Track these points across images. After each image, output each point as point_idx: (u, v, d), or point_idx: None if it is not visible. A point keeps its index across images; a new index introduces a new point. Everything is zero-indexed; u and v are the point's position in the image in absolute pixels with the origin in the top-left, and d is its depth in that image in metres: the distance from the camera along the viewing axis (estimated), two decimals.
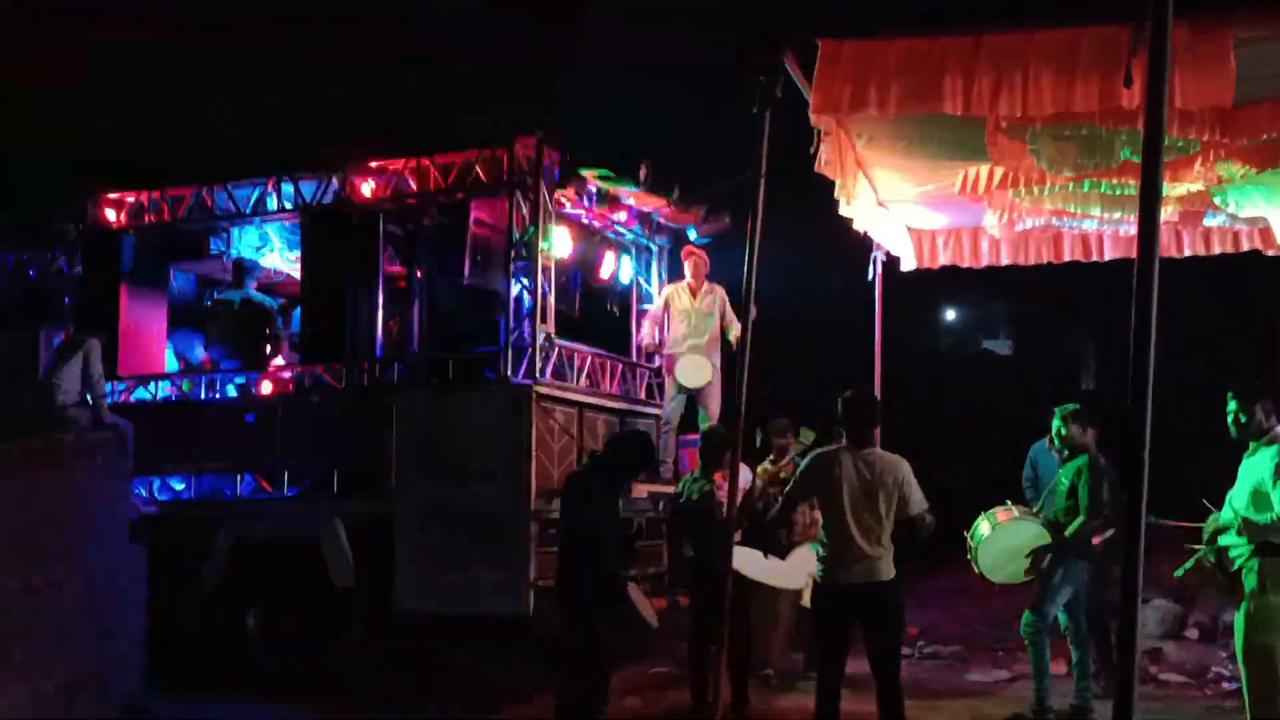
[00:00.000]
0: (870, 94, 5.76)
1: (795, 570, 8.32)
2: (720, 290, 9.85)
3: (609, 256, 10.18)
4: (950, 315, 27.38)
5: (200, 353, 10.69)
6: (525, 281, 8.74)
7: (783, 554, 8.46)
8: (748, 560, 7.66)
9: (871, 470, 5.95)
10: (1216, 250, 9.01)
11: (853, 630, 6.05)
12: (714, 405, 9.72)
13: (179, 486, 9.84)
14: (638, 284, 10.66)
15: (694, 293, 9.84)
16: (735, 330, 9.64)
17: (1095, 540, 7.96)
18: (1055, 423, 7.81)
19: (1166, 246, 9.08)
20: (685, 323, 9.79)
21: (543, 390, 8.61)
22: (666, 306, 9.95)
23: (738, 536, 6.85)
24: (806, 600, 8.44)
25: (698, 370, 9.62)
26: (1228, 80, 5.22)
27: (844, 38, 5.72)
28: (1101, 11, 5.27)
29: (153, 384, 10.12)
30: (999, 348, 28.33)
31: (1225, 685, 8.40)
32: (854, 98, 5.79)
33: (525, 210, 8.76)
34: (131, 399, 9.97)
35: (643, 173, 9.29)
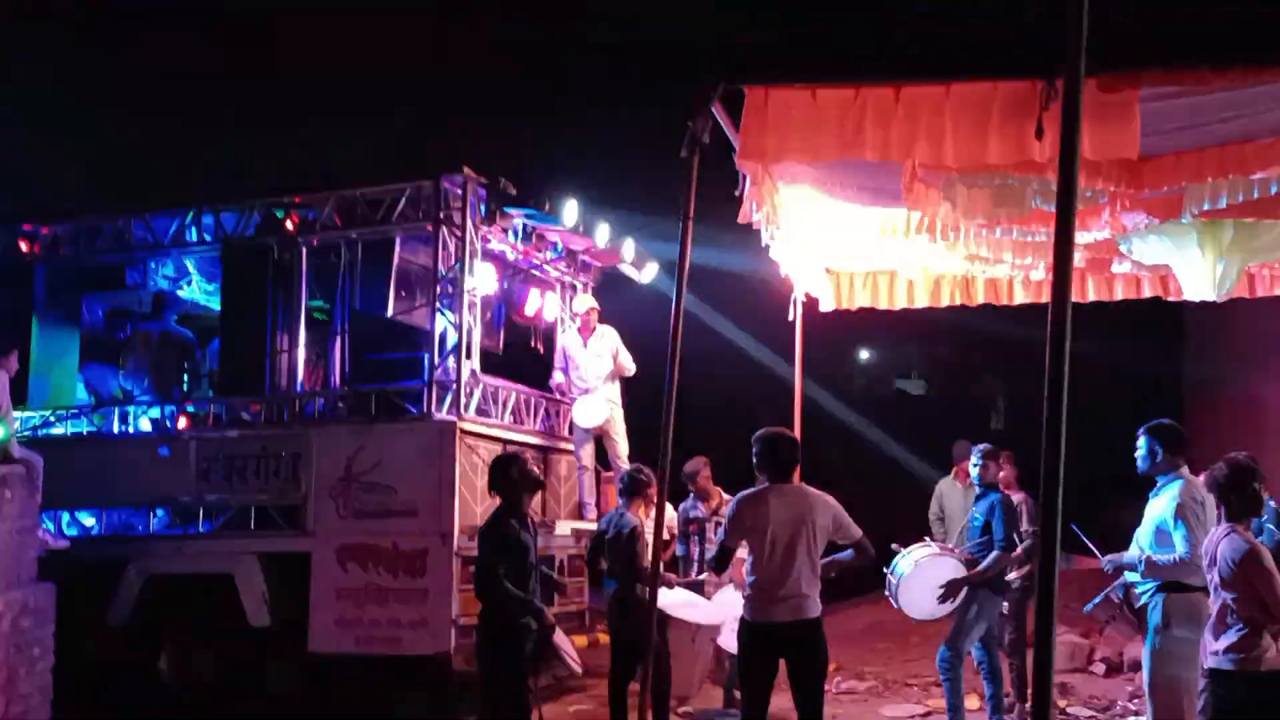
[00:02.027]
0: (794, 141, 5.90)
1: (716, 608, 8.38)
2: (609, 332, 10.00)
3: (534, 293, 10.23)
4: (866, 355, 27.86)
5: (114, 385, 10.48)
6: (450, 317, 8.73)
7: (703, 591, 8.53)
8: (669, 597, 7.71)
9: (797, 507, 6.03)
10: (1120, 296, 9.33)
11: (777, 667, 6.12)
12: (620, 444, 9.85)
13: (90, 522, 9.62)
14: (561, 321, 10.71)
15: (584, 338, 10.02)
16: (627, 368, 9.83)
17: (1014, 575, 8.17)
18: (973, 460, 8.03)
19: (1074, 293, 9.36)
20: (579, 369, 9.98)
21: (467, 426, 8.59)
22: (565, 356, 10.11)
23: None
24: (724, 641, 8.51)
25: (589, 411, 9.80)
26: (1133, 134, 5.45)
27: (769, 85, 5.86)
28: (1015, 67, 5.47)
29: (64, 417, 9.89)
30: (912, 387, 28.89)
31: (1131, 719, 8.64)
32: (779, 144, 5.93)
33: (451, 246, 8.77)
34: (41, 432, 9.73)
35: (567, 216, 9.33)
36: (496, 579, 6.02)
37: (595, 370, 9.90)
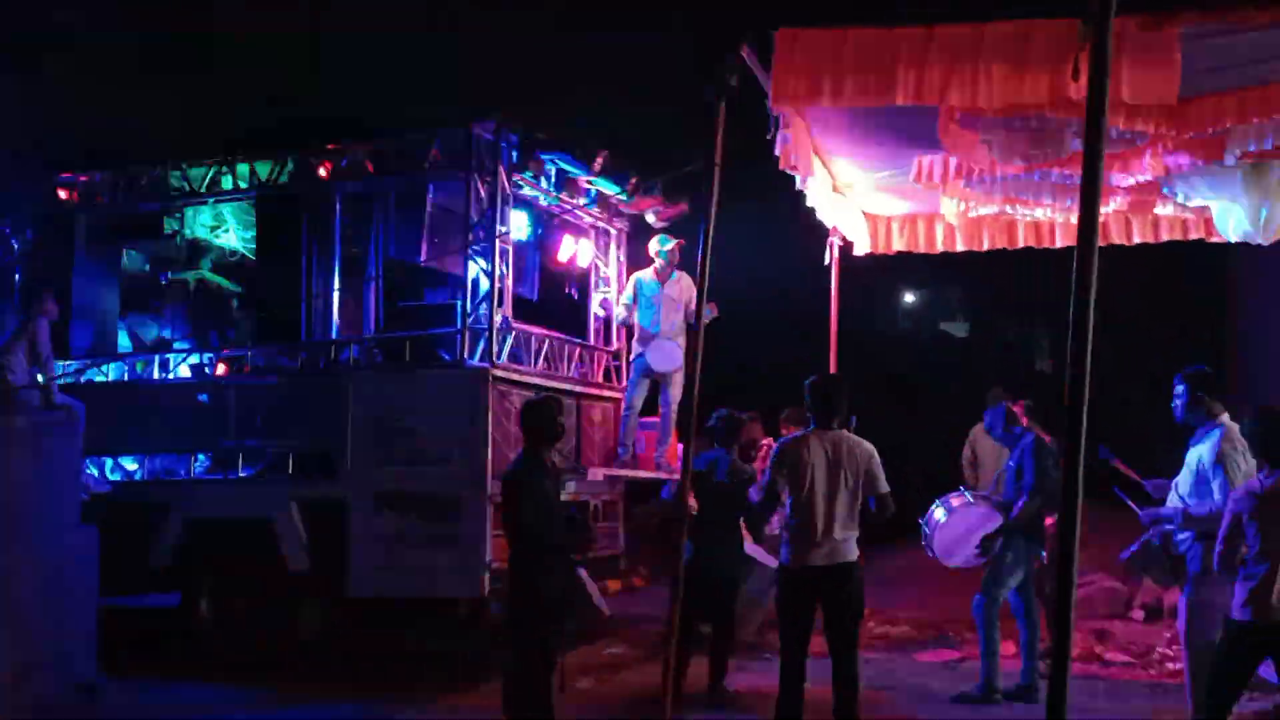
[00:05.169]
0: (825, 84, 5.81)
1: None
2: (688, 277, 9.88)
3: (567, 240, 10.17)
4: (908, 298, 27.58)
5: (154, 333, 10.59)
6: (483, 264, 8.70)
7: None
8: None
9: (838, 453, 6.04)
10: (1165, 237, 9.16)
11: (815, 610, 6.14)
12: (676, 390, 9.77)
13: (132, 467, 9.76)
14: (595, 267, 10.67)
15: (661, 279, 9.87)
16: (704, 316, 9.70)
17: (1050, 521, 8.10)
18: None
19: (1117, 234, 9.23)
20: (654, 309, 9.81)
21: (499, 373, 8.59)
22: (635, 293, 9.97)
23: None
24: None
25: (668, 356, 9.65)
26: (1173, 75, 5.31)
27: (800, 28, 5.76)
28: (1051, 5, 5.33)
29: (105, 364, 10.02)
30: (955, 330, 28.59)
31: (1169, 665, 8.60)
32: (809, 88, 5.84)
33: (483, 192, 8.72)
34: (84, 379, 9.86)
35: (599, 162, 9.24)
36: (524, 522, 6.09)
37: (671, 313, 9.71)
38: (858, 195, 9.08)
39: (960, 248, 9.77)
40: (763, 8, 5.84)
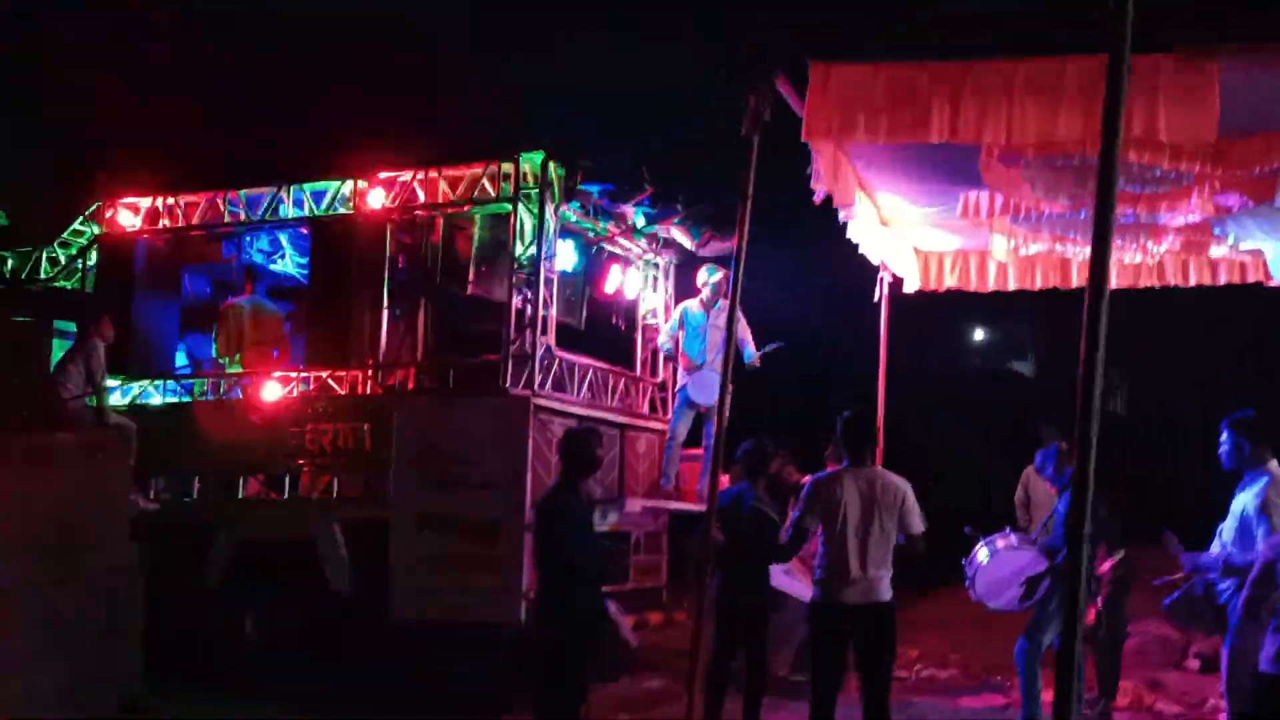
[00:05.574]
0: (859, 119, 5.80)
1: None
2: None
3: (614, 270, 10.21)
4: (978, 335, 27.22)
5: (210, 354, 10.81)
6: (527, 293, 8.78)
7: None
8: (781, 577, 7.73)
9: (872, 490, 5.99)
10: (1223, 280, 8.96)
11: (847, 650, 6.06)
12: (715, 423, 9.72)
13: (184, 486, 9.94)
14: (643, 298, 10.68)
15: (707, 309, 9.86)
16: (751, 351, 9.67)
17: (1105, 568, 7.92)
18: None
19: (1173, 275, 9.04)
20: (700, 340, 9.78)
21: (541, 402, 8.64)
22: (681, 323, 9.95)
23: None
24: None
25: (709, 387, 9.60)
26: (1211, 113, 5.20)
27: (833, 61, 5.75)
28: (1086, 41, 5.27)
29: (160, 384, 10.23)
30: (1024, 369, 28.13)
31: (1223, 717, 8.33)
32: (843, 123, 5.83)
33: (529, 223, 8.81)
34: (140, 399, 10.08)
35: (646, 194, 9.26)
36: (555, 550, 6.10)
37: (717, 344, 9.58)
38: (907, 230, 9.01)
39: (1013, 286, 9.63)
40: (803, 11, 5.80)
